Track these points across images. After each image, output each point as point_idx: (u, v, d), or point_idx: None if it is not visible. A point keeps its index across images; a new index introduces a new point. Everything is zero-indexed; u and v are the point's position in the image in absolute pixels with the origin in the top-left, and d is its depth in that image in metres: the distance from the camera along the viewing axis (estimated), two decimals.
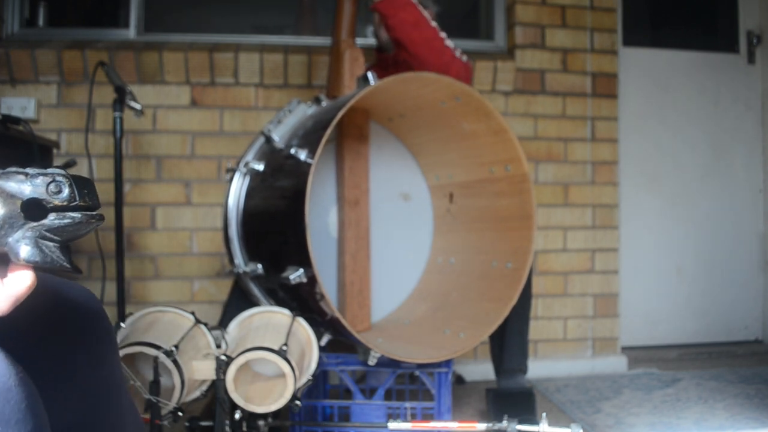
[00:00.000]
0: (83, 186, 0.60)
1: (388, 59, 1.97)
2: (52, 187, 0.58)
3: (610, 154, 2.54)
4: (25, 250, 0.57)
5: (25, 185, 0.57)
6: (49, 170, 0.60)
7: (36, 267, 0.57)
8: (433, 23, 1.79)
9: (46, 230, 0.57)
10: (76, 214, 0.59)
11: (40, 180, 0.58)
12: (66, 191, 0.58)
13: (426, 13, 1.79)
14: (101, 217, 0.61)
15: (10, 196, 0.57)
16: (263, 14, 2.72)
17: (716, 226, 2.81)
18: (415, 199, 1.86)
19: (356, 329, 1.55)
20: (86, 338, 0.71)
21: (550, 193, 2.49)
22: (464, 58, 1.84)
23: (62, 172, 0.60)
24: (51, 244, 0.58)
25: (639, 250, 2.72)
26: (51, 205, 0.58)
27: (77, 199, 0.59)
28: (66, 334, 0.69)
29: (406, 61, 1.78)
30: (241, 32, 2.50)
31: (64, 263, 0.58)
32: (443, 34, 1.80)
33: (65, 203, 0.58)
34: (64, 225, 0.58)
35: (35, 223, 0.57)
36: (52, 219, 0.58)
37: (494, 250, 1.67)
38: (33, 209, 0.57)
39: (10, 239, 0.56)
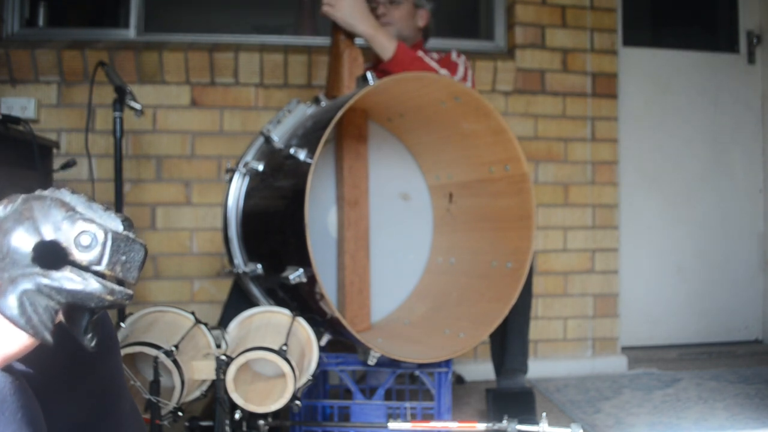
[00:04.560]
0: (124, 253, 0.47)
1: None
2: (82, 238, 0.46)
3: (610, 154, 2.54)
4: (5, 298, 0.44)
5: (53, 223, 0.45)
6: (101, 216, 0.47)
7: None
8: (444, 71, 1.73)
9: (46, 284, 0.45)
10: (94, 282, 0.46)
11: (73, 225, 0.46)
12: (96, 250, 0.46)
13: (434, 63, 1.75)
14: (126, 297, 0.49)
15: (34, 228, 0.45)
16: (263, 14, 2.72)
17: (716, 226, 2.81)
18: (414, 199, 1.86)
19: (356, 329, 1.55)
20: None
21: (550, 193, 2.49)
22: (469, 74, 1.81)
23: (111, 228, 0.47)
24: (45, 303, 0.45)
25: (639, 250, 2.72)
26: (71, 257, 0.46)
27: (104, 264, 0.46)
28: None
29: None
30: (241, 32, 2.50)
31: (45, 335, 0.45)
32: (444, 71, 1.75)
33: (88, 263, 0.46)
34: (71, 288, 0.45)
35: (39, 270, 0.45)
36: (61, 273, 0.45)
37: (494, 250, 1.67)
38: (49, 253, 0.46)
39: (6, 275, 0.45)
